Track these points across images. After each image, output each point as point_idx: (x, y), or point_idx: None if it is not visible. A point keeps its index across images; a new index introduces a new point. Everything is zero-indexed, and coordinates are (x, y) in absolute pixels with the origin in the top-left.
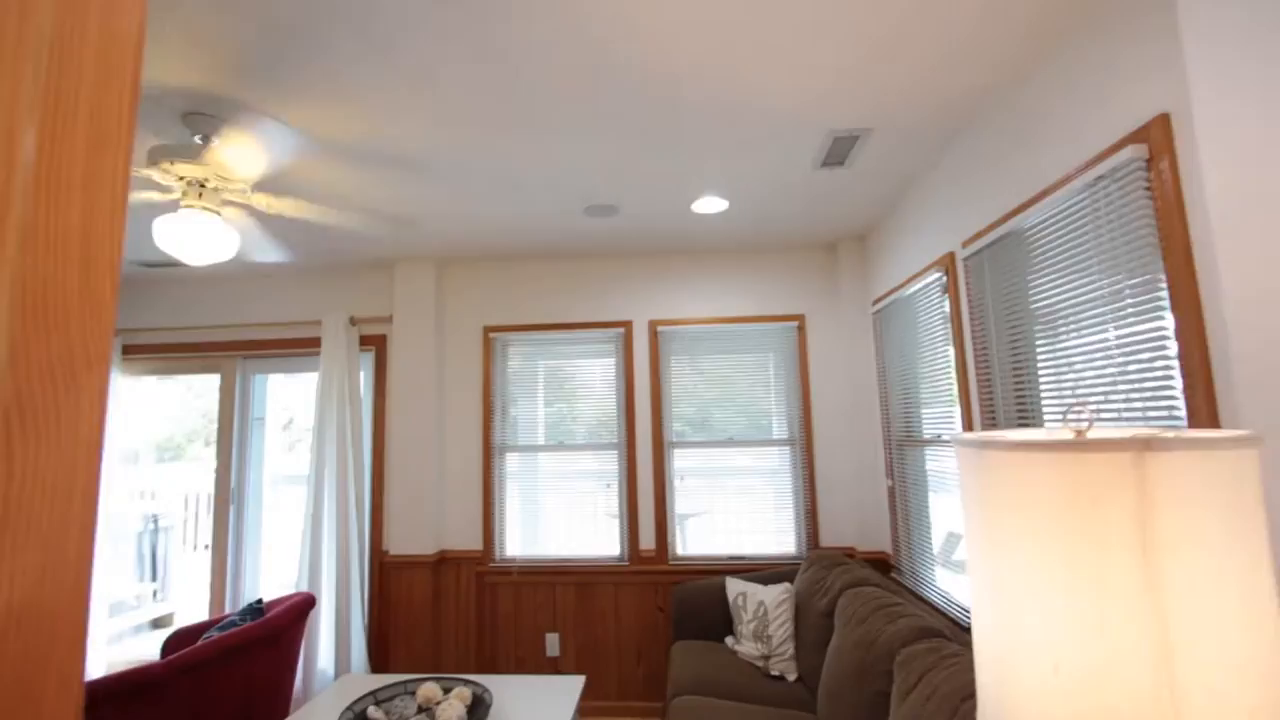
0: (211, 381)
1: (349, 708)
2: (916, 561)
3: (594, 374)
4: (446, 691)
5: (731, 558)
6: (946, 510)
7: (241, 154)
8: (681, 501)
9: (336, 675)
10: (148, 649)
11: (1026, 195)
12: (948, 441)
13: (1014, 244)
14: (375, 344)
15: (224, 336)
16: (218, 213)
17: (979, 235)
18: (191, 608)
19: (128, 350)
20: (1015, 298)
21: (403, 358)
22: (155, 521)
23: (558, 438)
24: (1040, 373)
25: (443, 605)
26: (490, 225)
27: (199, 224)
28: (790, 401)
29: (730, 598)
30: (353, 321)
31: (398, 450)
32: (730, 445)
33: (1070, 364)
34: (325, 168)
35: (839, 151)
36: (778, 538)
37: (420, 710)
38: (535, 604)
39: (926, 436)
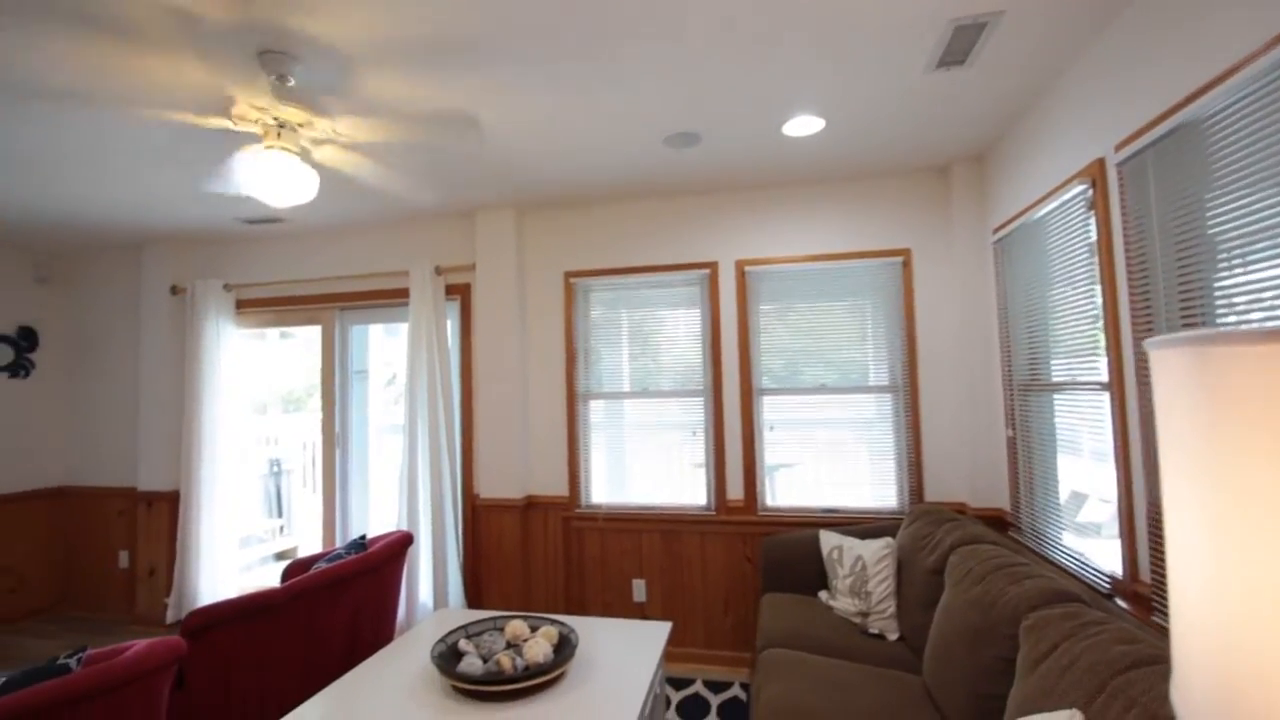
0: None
1: (442, 639)
2: (1040, 519)
3: (678, 318)
4: (534, 629)
5: (825, 510)
6: (1080, 464)
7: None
8: (771, 452)
9: (435, 608)
10: (273, 577)
11: (1211, 71)
12: (1089, 383)
13: (1190, 141)
14: (460, 293)
15: (322, 289)
16: (297, 153)
17: (1141, 132)
18: (311, 542)
19: (240, 305)
20: (1189, 214)
21: (486, 306)
22: (279, 465)
23: (641, 384)
24: (1220, 312)
25: (531, 547)
26: (566, 163)
27: (278, 165)
28: (892, 345)
29: (824, 551)
30: (438, 271)
31: (484, 397)
32: (824, 393)
33: (1260, 301)
34: (391, 82)
35: (960, 46)
36: (875, 491)
37: (508, 646)
38: (621, 550)
39: (1057, 379)
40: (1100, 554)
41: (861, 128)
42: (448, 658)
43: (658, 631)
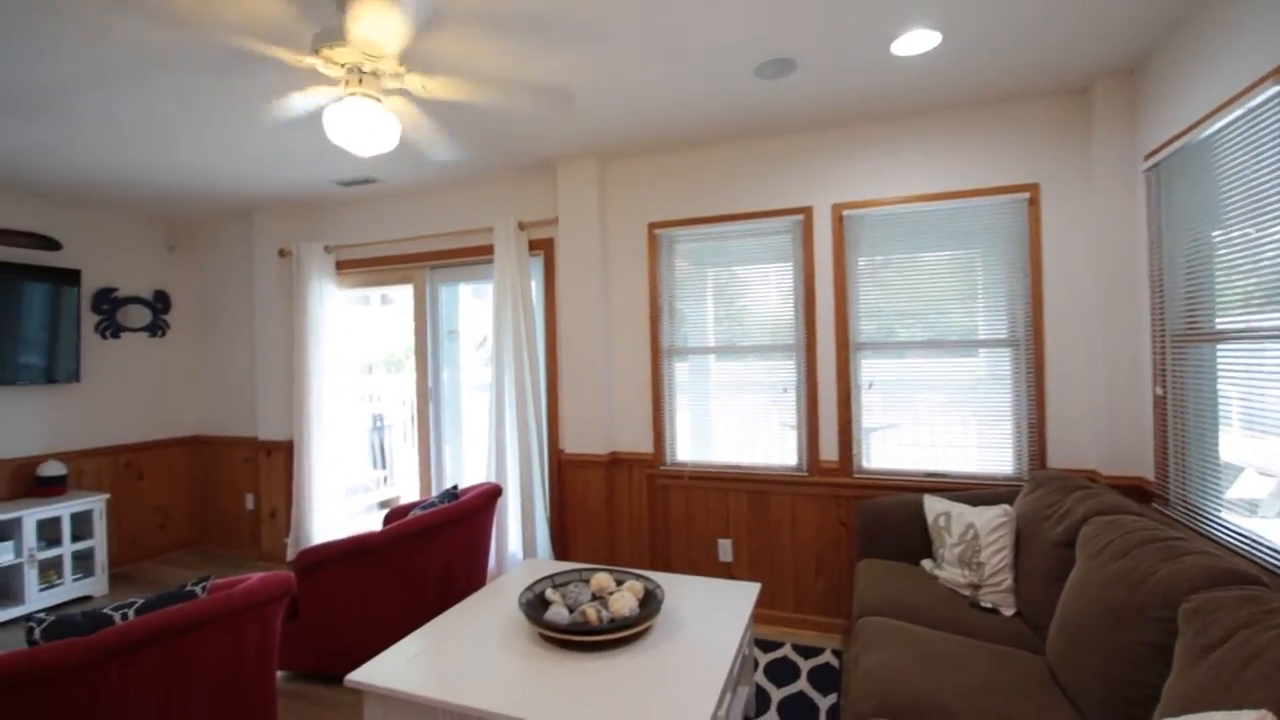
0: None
1: (529, 587)
2: (1194, 490)
3: (767, 270)
4: (619, 583)
5: (929, 474)
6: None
7: (376, 18)
8: (869, 411)
9: (524, 559)
10: (378, 523)
11: None
12: (1272, 331)
13: None
14: (544, 248)
15: (413, 249)
16: (379, 99)
17: None
18: (410, 492)
19: (340, 266)
20: None
21: (569, 260)
22: (381, 420)
23: (728, 340)
24: None
25: (616, 503)
26: (649, 103)
27: (361, 111)
28: (1012, 295)
29: (929, 518)
30: (521, 226)
31: (568, 352)
32: (929, 348)
33: None
34: (471, 37)
35: None
36: (986, 455)
37: (594, 598)
38: (707, 509)
39: (1225, 328)
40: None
41: (985, 43)
42: (535, 605)
43: (747, 592)
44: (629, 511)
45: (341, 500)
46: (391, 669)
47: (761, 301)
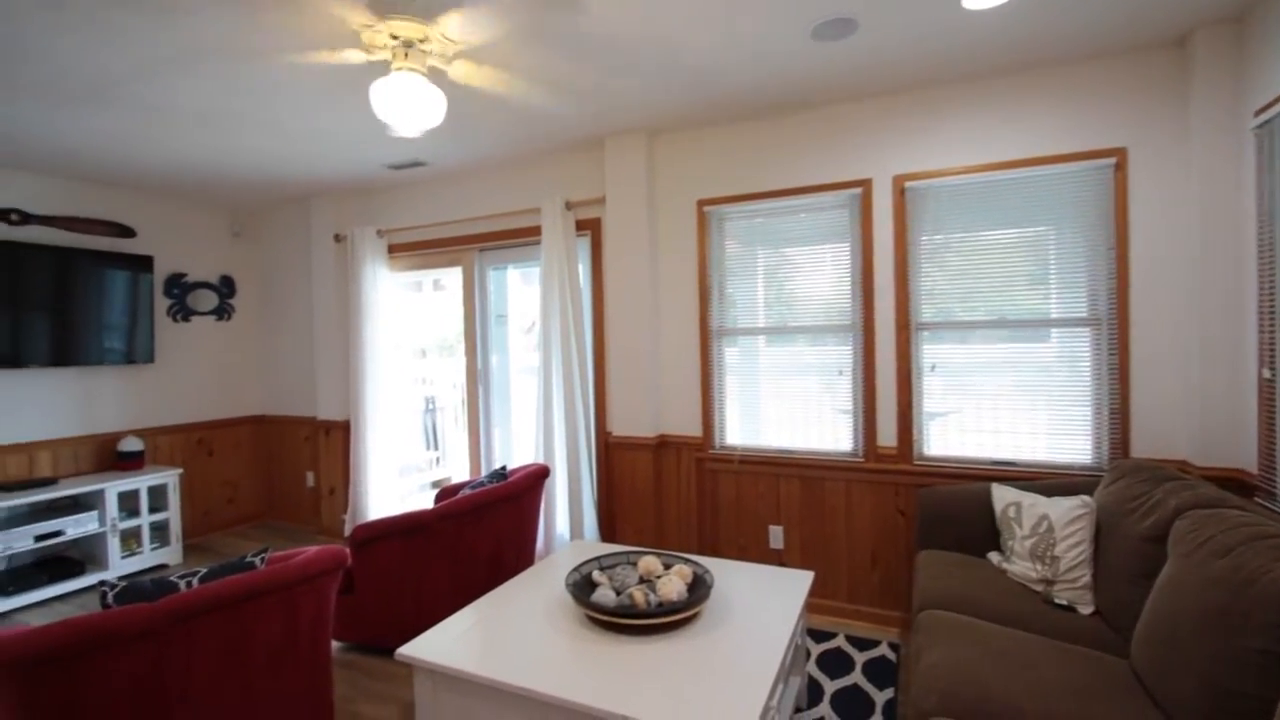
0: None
1: (576, 568)
2: None
3: (823, 246)
4: (667, 567)
5: (995, 463)
6: None
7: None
8: (930, 395)
9: (571, 540)
10: (430, 502)
11: None
12: None
13: None
14: (591, 228)
15: (461, 231)
16: (424, 73)
17: None
18: (461, 473)
19: (392, 249)
20: None
21: (616, 239)
22: (433, 403)
23: (780, 321)
24: None
25: (664, 487)
26: (700, 72)
27: (408, 85)
28: (1093, 269)
29: (997, 508)
30: (568, 205)
31: (615, 333)
32: (1000, 328)
33: None
34: (533, 46)
35: None
36: (1060, 443)
37: (641, 581)
38: (757, 494)
39: None
40: None
41: None
42: (582, 586)
43: (799, 580)
44: (677, 495)
45: (395, 479)
46: (440, 644)
47: (815, 280)
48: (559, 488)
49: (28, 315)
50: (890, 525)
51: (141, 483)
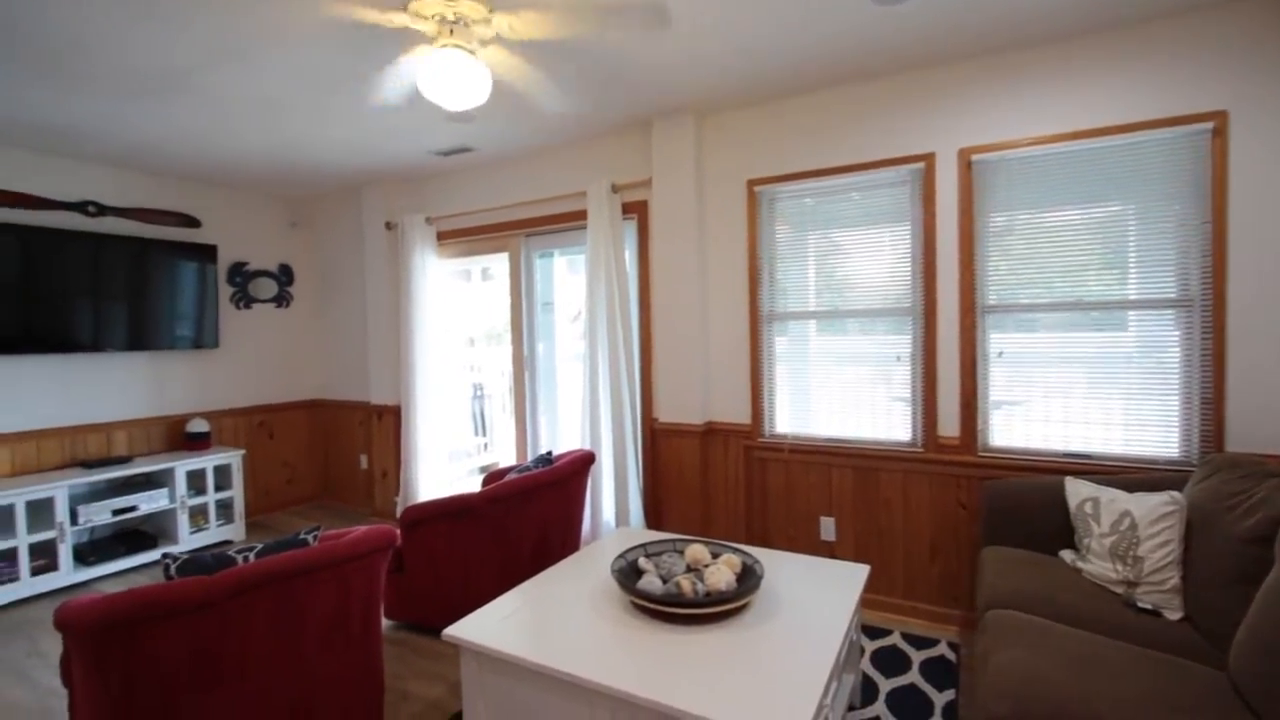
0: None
1: (622, 554)
2: None
3: (880, 226)
4: (715, 556)
5: (1069, 455)
6: None
7: None
8: (998, 382)
9: (617, 527)
10: (478, 487)
11: None
12: None
13: None
14: (637, 211)
15: (508, 216)
16: (471, 51)
17: None
18: (508, 459)
19: (440, 236)
20: None
21: (663, 222)
22: (482, 390)
23: (833, 304)
24: None
25: (711, 475)
26: (751, 42)
27: (451, 63)
28: (1185, 246)
29: (1072, 503)
30: (614, 188)
31: (662, 318)
32: (1076, 310)
33: None
34: None
35: None
36: (1144, 434)
37: (688, 570)
38: (808, 484)
39: None
40: None
41: None
42: (627, 573)
43: (854, 573)
44: (725, 484)
45: (444, 464)
46: (485, 627)
47: (871, 262)
48: (605, 474)
49: (106, 303)
50: (951, 519)
51: (208, 462)
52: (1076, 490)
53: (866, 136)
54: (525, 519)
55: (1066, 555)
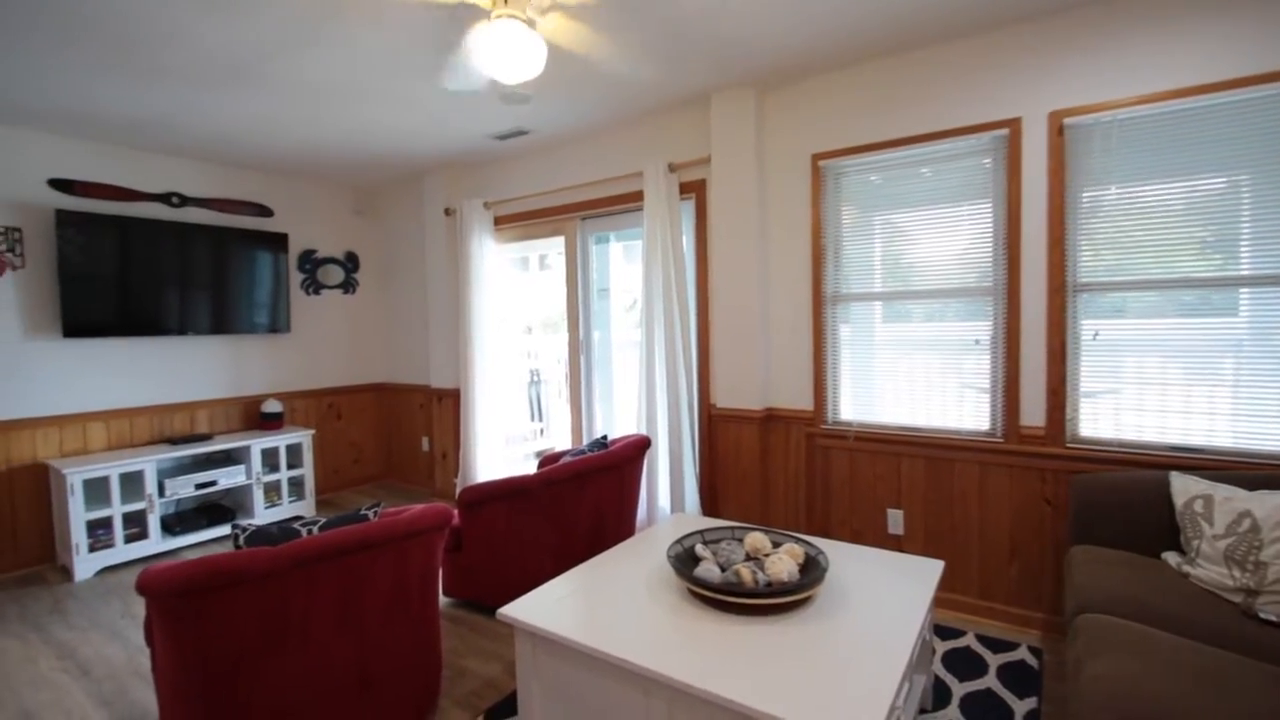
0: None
1: (678, 541)
2: None
3: (958, 197)
4: (776, 545)
5: (1173, 449)
6: None
7: None
8: (1091, 368)
9: (672, 512)
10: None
11: None
12: None
13: None
14: (695, 190)
15: (564, 199)
16: (529, 21)
17: None
18: (564, 444)
19: (498, 221)
20: None
21: (722, 201)
22: (538, 375)
23: (902, 284)
24: None
25: (771, 462)
26: (816, 7)
27: (506, 33)
28: None
29: (1178, 501)
30: (671, 168)
31: (721, 300)
32: (1187, 286)
33: None
34: None
35: None
36: (1263, 426)
37: (748, 558)
38: (875, 474)
39: None
40: None
41: None
42: (684, 560)
43: (927, 569)
44: (785, 472)
45: (502, 447)
46: (540, 608)
47: (946, 238)
48: (661, 460)
49: (191, 288)
50: (1034, 515)
51: (281, 441)
52: (1185, 486)
53: (942, 104)
54: (580, 502)
55: (1170, 558)
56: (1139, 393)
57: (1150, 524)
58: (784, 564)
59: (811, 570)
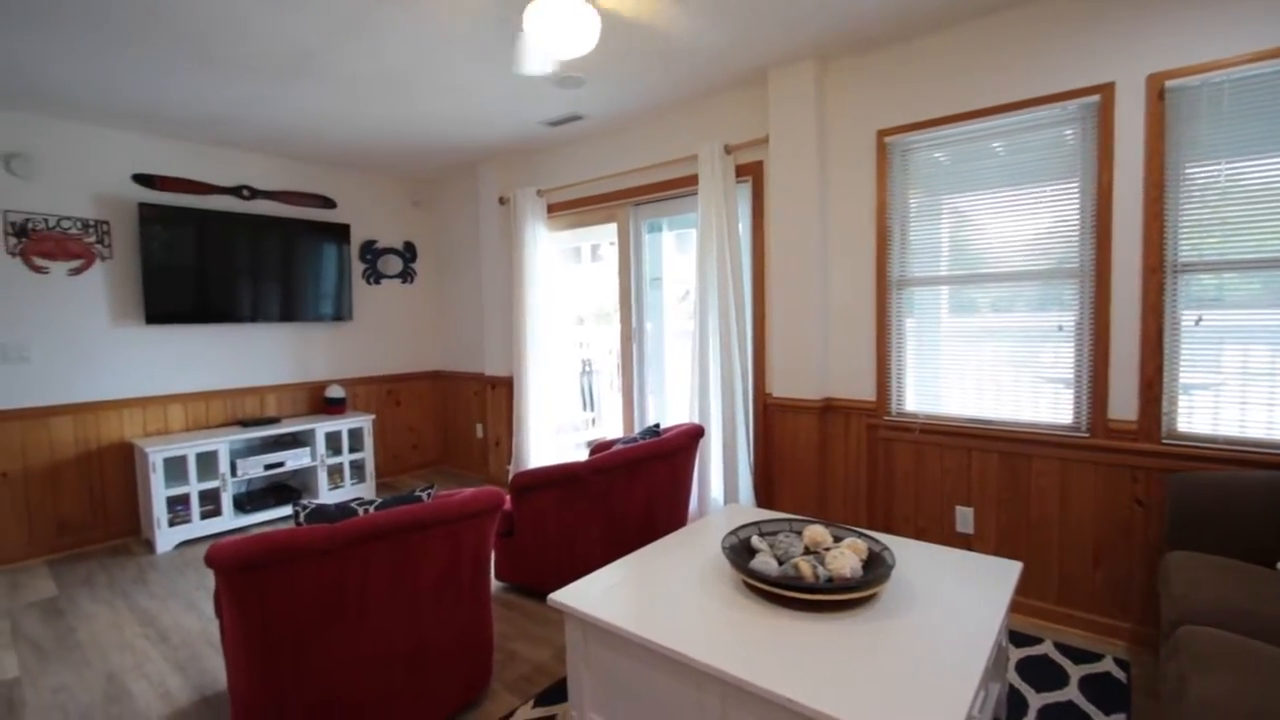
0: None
1: (733, 532)
2: None
3: (1039, 172)
4: (837, 540)
5: None
6: None
7: None
8: (1192, 357)
9: (725, 503)
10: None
11: None
12: None
13: None
14: (751, 172)
15: (616, 185)
16: None
17: None
18: (617, 434)
19: (550, 209)
20: None
21: (780, 183)
22: (590, 366)
23: (974, 267)
24: None
25: (829, 455)
26: None
27: (559, 5)
28: None
29: None
30: (727, 150)
31: (778, 286)
32: None
33: None
34: None
35: None
36: None
37: (806, 552)
38: (942, 469)
39: None
40: None
41: None
42: (739, 551)
43: (1004, 570)
44: (844, 464)
45: (553, 435)
46: (591, 595)
47: (1024, 215)
48: (713, 450)
49: (262, 278)
50: (1123, 516)
51: (343, 425)
52: None
53: (1021, 72)
54: (631, 490)
55: None
56: (1242, 385)
57: (1261, 529)
58: (846, 559)
59: (876, 566)
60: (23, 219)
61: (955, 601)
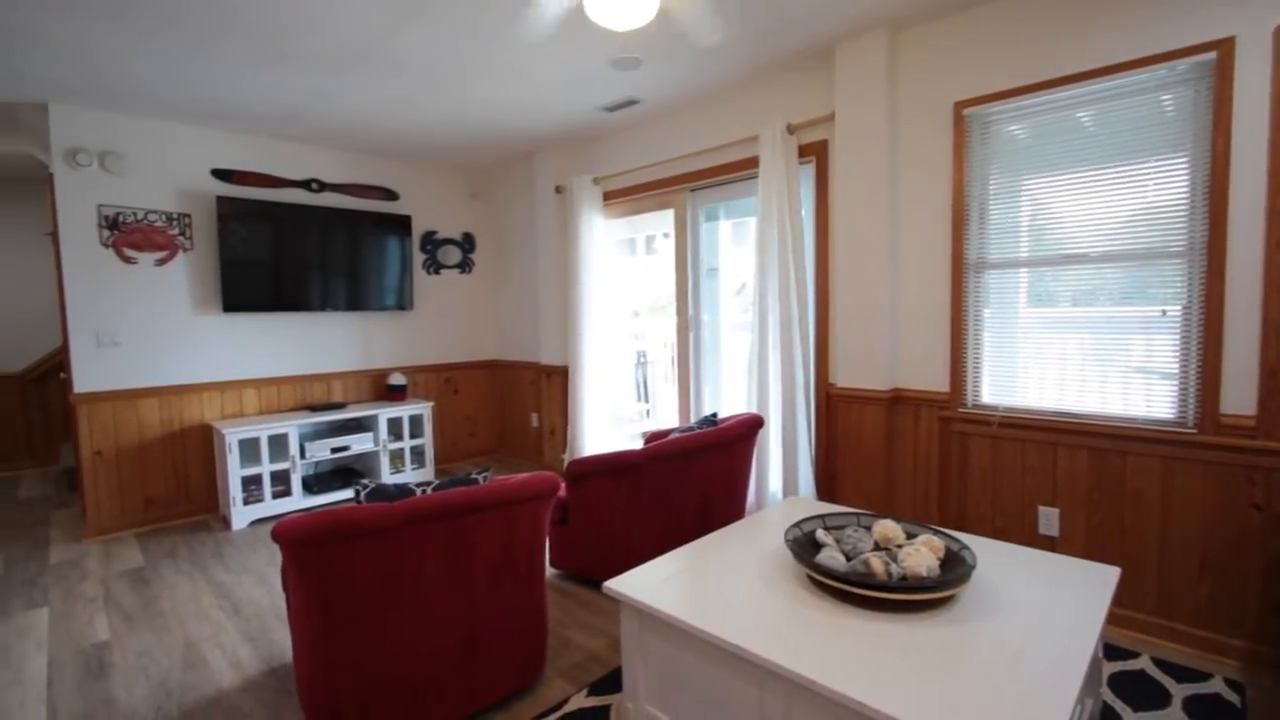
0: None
1: (796, 525)
2: None
3: (1139, 141)
4: (910, 537)
5: None
6: None
7: None
8: None
9: (784, 496)
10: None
11: None
12: None
13: None
14: (815, 152)
15: (673, 170)
16: None
17: None
18: (671, 424)
19: (606, 196)
20: None
21: (846, 162)
22: (645, 357)
23: (1061, 247)
24: None
25: (898, 448)
26: None
27: None
28: None
29: None
30: (789, 129)
31: (843, 271)
32: None
33: None
34: None
35: None
36: None
37: (877, 548)
38: (1023, 466)
39: None
40: None
41: None
42: (803, 545)
43: (1100, 576)
44: (913, 458)
45: (608, 426)
46: (647, 584)
47: (1121, 190)
48: (772, 442)
49: (330, 268)
50: (1237, 522)
51: (404, 412)
52: None
53: (1120, 30)
54: (687, 479)
55: None
56: None
57: None
58: (922, 557)
59: (955, 566)
60: (114, 213)
61: (1045, 607)
